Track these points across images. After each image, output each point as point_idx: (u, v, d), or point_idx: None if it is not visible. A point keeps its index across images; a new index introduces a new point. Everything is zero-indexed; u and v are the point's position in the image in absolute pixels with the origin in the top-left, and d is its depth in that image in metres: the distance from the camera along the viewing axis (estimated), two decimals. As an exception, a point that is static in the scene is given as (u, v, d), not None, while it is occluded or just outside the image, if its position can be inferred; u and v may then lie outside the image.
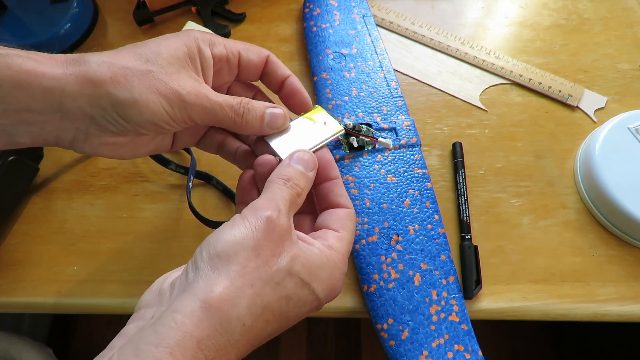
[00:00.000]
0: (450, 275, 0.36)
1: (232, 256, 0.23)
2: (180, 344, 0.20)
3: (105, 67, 0.26)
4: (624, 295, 0.37)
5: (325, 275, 0.26)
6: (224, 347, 0.21)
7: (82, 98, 0.25)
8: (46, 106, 0.25)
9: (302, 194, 0.27)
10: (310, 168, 0.28)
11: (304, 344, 0.96)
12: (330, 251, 0.27)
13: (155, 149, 0.31)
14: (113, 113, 0.26)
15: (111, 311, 0.38)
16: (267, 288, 0.23)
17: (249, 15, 0.52)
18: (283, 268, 0.24)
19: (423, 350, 0.34)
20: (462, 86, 0.47)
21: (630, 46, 0.49)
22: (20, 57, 0.25)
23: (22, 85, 0.24)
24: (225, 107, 0.28)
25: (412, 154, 0.41)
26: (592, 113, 0.45)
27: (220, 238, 0.24)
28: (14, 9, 0.49)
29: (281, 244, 0.24)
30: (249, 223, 0.24)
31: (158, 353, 0.20)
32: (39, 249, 0.40)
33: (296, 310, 0.25)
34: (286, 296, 0.24)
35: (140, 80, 0.26)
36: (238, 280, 0.22)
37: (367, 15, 0.49)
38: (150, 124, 0.27)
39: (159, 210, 0.42)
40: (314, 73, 0.46)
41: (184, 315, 0.21)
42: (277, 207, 0.25)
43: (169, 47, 0.28)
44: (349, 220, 0.29)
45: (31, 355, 0.62)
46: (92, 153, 0.28)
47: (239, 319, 0.22)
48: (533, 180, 0.42)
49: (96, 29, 0.52)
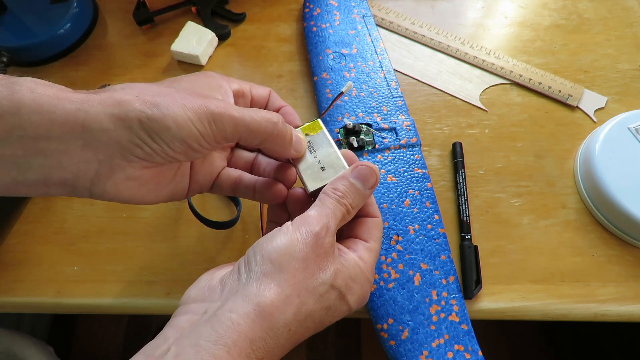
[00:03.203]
0: (450, 275, 0.36)
1: (283, 265, 0.24)
2: (237, 343, 0.22)
3: (129, 89, 0.25)
4: (624, 295, 0.37)
5: (358, 287, 0.27)
6: (272, 350, 0.23)
7: (107, 119, 0.24)
8: (67, 132, 0.23)
9: (353, 212, 0.29)
10: (368, 186, 0.29)
11: (304, 343, 0.96)
12: (362, 263, 0.28)
13: (172, 192, 0.30)
14: (140, 132, 0.24)
15: (111, 311, 0.38)
16: (311, 298, 0.25)
17: (249, 15, 0.52)
18: (327, 282, 0.26)
19: (423, 350, 0.34)
20: (462, 86, 0.47)
21: (630, 46, 0.49)
22: (43, 85, 0.24)
23: (43, 110, 0.23)
24: (256, 117, 0.28)
25: (412, 154, 0.41)
26: (592, 113, 0.45)
27: (273, 244, 0.25)
28: (14, 9, 0.49)
29: (325, 259, 0.26)
30: (300, 235, 0.25)
31: (216, 350, 0.21)
32: (39, 249, 0.40)
33: (331, 319, 0.27)
34: (327, 307, 0.26)
35: (167, 98, 0.25)
36: (288, 288, 0.24)
37: (367, 15, 0.49)
38: (179, 141, 0.25)
39: (159, 210, 0.42)
40: (314, 73, 0.46)
41: (239, 316, 0.23)
42: (327, 224, 0.26)
43: (189, 77, 0.30)
44: (377, 229, 0.30)
45: (33, 353, 0.62)
46: (115, 194, 0.26)
47: (286, 324, 0.24)
48: (533, 180, 0.42)
49: (96, 29, 0.52)
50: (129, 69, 0.49)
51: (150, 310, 0.38)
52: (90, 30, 0.52)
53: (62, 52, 0.50)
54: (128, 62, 0.50)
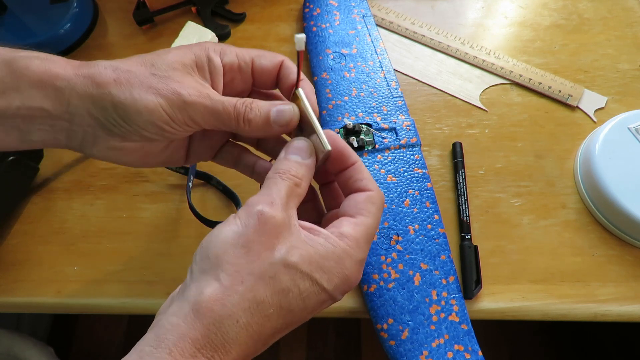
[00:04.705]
0: (450, 275, 0.36)
1: (220, 256, 0.23)
2: (177, 344, 0.21)
3: (110, 70, 0.27)
4: (624, 295, 0.37)
5: (331, 265, 0.25)
6: (221, 346, 0.22)
7: (87, 98, 0.26)
8: (57, 106, 0.26)
9: (302, 183, 0.27)
10: (306, 155, 0.27)
11: (304, 344, 0.96)
12: (341, 239, 0.25)
13: (167, 160, 0.31)
14: (114, 114, 0.26)
15: (111, 311, 0.38)
16: (260, 283, 0.23)
17: (249, 15, 0.52)
18: (277, 261, 0.23)
19: (423, 350, 0.34)
20: (462, 86, 0.47)
21: (630, 46, 0.49)
22: (38, 59, 0.26)
23: (38, 85, 0.26)
24: (227, 105, 0.27)
25: (412, 154, 0.41)
26: (592, 113, 0.45)
27: (211, 240, 0.24)
28: (14, 9, 0.49)
29: (276, 237, 0.24)
30: (240, 221, 0.24)
31: (158, 353, 0.21)
32: (39, 249, 0.40)
33: (300, 304, 0.24)
34: (283, 289, 0.23)
35: (142, 82, 0.26)
36: (227, 279, 0.23)
37: (367, 15, 0.49)
38: (150, 124, 0.27)
39: (159, 210, 0.42)
40: (314, 73, 0.46)
41: (179, 318, 0.22)
42: (270, 200, 0.25)
43: (176, 54, 0.28)
44: (368, 203, 0.27)
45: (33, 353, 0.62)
46: (102, 158, 0.28)
47: (230, 316, 0.22)
48: (533, 180, 0.42)
49: (96, 29, 0.52)
50: (129, 69, 0.49)
51: (150, 310, 0.38)
52: (90, 30, 0.52)
53: (62, 52, 0.50)
54: (128, 62, 0.50)
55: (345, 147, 0.28)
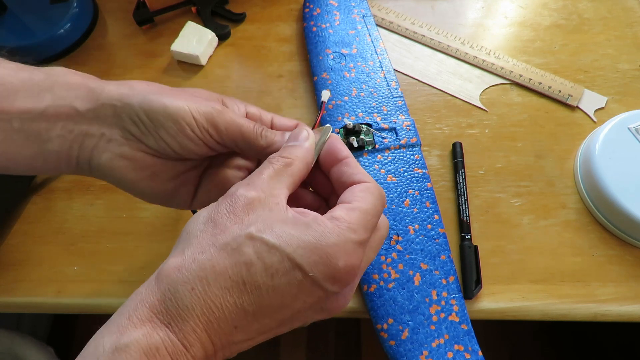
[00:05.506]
0: (450, 275, 0.36)
1: (190, 232, 0.24)
2: (136, 309, 0.22)
3: (144, 83, 0.29)
4: (624, 295, 0.37)
5: (310, 241, 0.22)
6: (177, 313, 0.21)
7: (117, 95, 0.27)
8: (85, 103, 0.27)
9: (294, 162, 0.26)
10: (303, 139, 0.28)
11: (304, 344, 0.96)
12: (330, 220, 0.24)
13: (173, 193, 0.30)
14: (139, 110, 0.27)
15: (111, 311, 0.38)
16: (221, 253, 0.22)
17: (249, 15, 0.52)
18: (243, 233, 0.22)
19: (423, 350, 0.34)
20: (462, 86, 0.47)
21: (630, 46, 0.49)
22: (75, 73, 0.29)
23: (72, 86, 0.28)
24: (248, 122, 0.29)
25: (412, 154, 0.41)
26: (592, 113, 0.45)
27: (189, 221, 0.25)
28: (14, 9, 0.49)
29: (247, 212, 0.23)
30: (216, 203, 0.25)
31: (119, 319, 0.22)
32: (39, 249, 0.40)
33: (268, 281, 0.22)
34: (246, 262, 0.22)
35: (174, 93, 0.28)
36: (189, 250, 0.23)
37: (367, 15, 0.49)
38: (173, 123, 0.27)
39: (159, 210, 0.41)
40: (314, 73, 0.46)
41: (142, 286, 0.23)
42: (247, 182, 0.25)
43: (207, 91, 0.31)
44: (364, 192, 0.26)
45: (34, 353, 0.62)
46: (109, 170, 0.28)
47: (186, 283, 0.22)
48: (533, 180, 0.42)
49: (96, 29, 0.52)
50: (129, 69, 0.49)
51: (150, 310, 0.38)
52: (90, 30, 0.52)
53: (62, 52, 0.50)
54: (128, 62, 0.50)
55: (338, 140, 0.29)
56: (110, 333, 0.21)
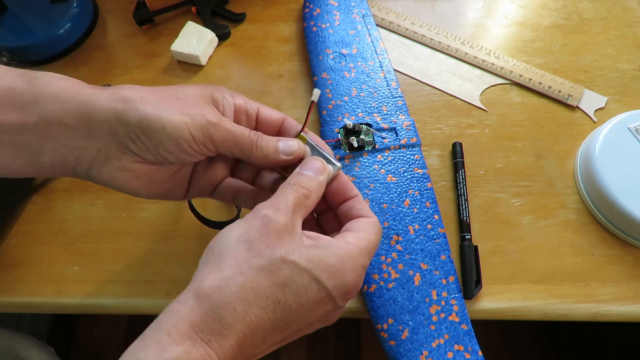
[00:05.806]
0: (450, 275, 0.36)
1: (224, 251, 0.25)
2: (176, 326, 0.23)
3: (135, 91, 0.28)
4: (624, 295, 0.37)
5: (332, 264, 0.26)
6: (218, 331, 0.23)
7: (111, 112, 0.27)
8: (77, 119, 0.26)
9: (311, 195, 0.28)
10: (319, 172, 0.29)
11: (304, 344, 0.96)
12: (346, 245, 0.27)
13: (169, 191, 0.31)
14: (137, 128, 0.27)
15: (111, 311, 0.38)
16: (259, 276, 0.24)
17: (249, 15, 0.52)
18: (277, 257, 0.25)
19: (423, 350, 0.34)
20: (462, 86, 0.47)
21: (630, 46, 0.49)
22: (61, 78, 0.27)
23: (60, 99, 0.26)
24: (243, 131, 0.30)
25: (412, 154, 0.41)
26: (592, 113, 0.45)
27: (218, 238, 0.26)
28: (14, 9, 0.49)
29: (278, 238, 0.25)
30: (246, 222, 0.26)
31: (158, 335, 0.22)
32: (39, 249, 0.40)
33: (298, 300, 0.25)
34: (281, 283, 0.24)
35: (169, 104, 0.28)
36: (228, 270, 0.24)
37: (367, 15, 0.49)
38: (171, 141, 0.27)
39: (159, 210, 0.42)
40: (314, 73, 0.46)
41: (180, 304, 0.24)
42: (276, 206, 0.26)
43: (196, 89, 0.30)
44: (370, 225, 0.29)
45: (34, 353, 0.62)
46: (108, 181, 0.28)
47: (228, 303, 0.23)
48: (533, 180, 0.42)
49: (96, 29, 0.52)
50: (129, 69, 0.49)
51: (150, 310, 0.38)
52: (90, 30, 0.52)
53: (62, 52, 0.50)
54: (128, 62, 0.50)
55: (349, 180, 0.31)
56: (150, 348, 0.22)
